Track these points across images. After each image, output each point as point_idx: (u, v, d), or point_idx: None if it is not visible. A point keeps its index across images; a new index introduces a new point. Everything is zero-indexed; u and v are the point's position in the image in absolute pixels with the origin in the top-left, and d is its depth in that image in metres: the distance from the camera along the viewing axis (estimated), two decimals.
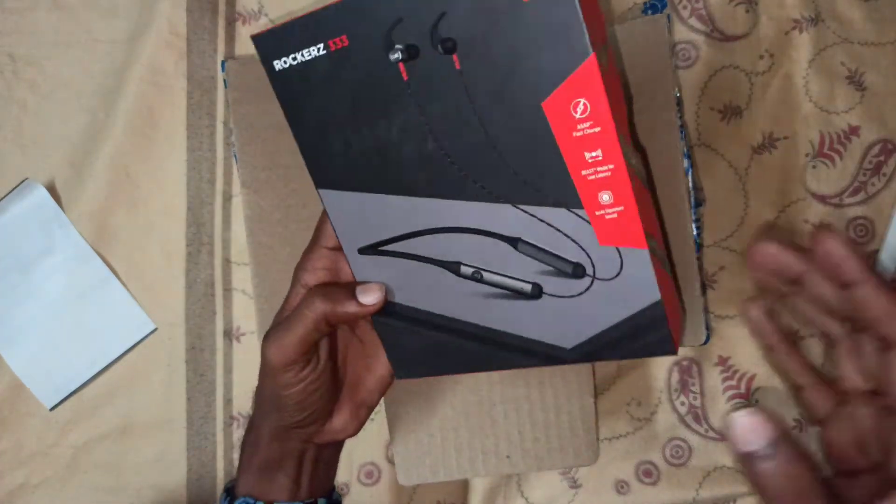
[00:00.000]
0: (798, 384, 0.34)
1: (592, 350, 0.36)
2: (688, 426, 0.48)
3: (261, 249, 0.45)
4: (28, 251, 0.48)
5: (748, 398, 0.48)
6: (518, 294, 0.35)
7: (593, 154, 0.31)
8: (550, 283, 0.34)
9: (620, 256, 0.33)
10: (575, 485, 0.49)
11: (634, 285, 0.33)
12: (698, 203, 0.47)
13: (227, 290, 0.50)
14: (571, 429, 0.46)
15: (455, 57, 0.31)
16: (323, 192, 0.36)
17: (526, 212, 0.33)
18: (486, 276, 0.35)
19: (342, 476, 0.49)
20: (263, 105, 0.45)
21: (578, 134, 0.31)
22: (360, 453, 0.49)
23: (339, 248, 0.38)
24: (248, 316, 0.49)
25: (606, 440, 0.48)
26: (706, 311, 0.46)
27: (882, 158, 0.48)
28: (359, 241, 0.37)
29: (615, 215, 0.32)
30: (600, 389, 0.48)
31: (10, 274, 0.48)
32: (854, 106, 0.48)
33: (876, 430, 0.29)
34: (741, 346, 0.48)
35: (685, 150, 0.45)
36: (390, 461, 0.49)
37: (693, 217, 0.44)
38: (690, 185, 0.44)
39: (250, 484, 0.39)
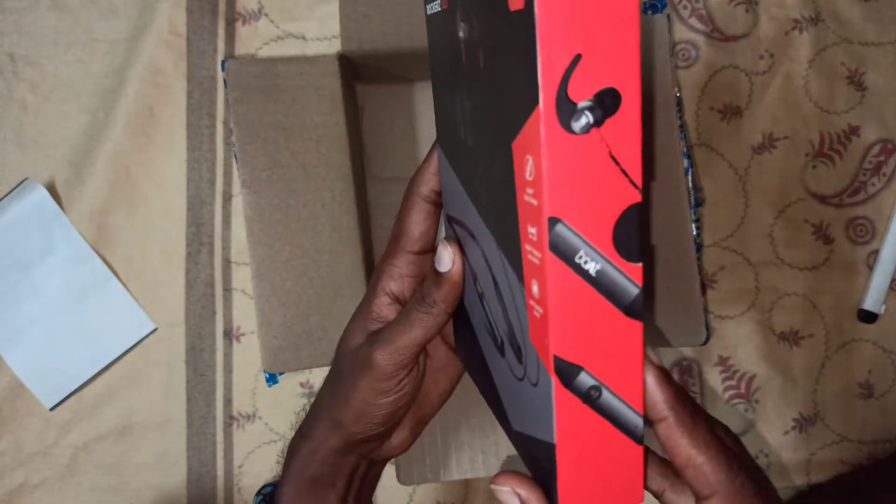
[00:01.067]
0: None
1: (524, 449, 0.29)
2: None
3: (261, 249, 0.45)
4: (28, 251, 0.48)
5: (748, 398, 0.48)
6: (493, 338, 0.29)
7: (531, 230, 0.23)
8: (508, 349, 0.28)
9: (538, 366, 0.24)
10: None
11: (543, 407, 0.24)
12: (698, 203, 0.47)
13: (227, 290, 0.50)
14: None
15: (479, 54, 0.25)
16: (439, 150, 0.33)
17: (502, 256, 0.26)
18: (485, 302, 0.30)
19: None
20: (263, 105, 0.45)
21: (526, 198, 0.23)
22: None
23: (424, 252, 0.35)
24: (248, 316, 0.49)
25: None
26: (706, 311, 0.46)
27: (882, 158, 0.48)
28: (446, 208, 0.33)
29: (539, 315, 0.23)
30: None
31: (10, 274, 0.48)
32: (854, 106, 0.48)
33: None
34: (741, 346, 0.48)
35: (685, 150, 0.45)
36: (390, 461, 0.49)
37: (693, 217, 0.44)
38: (690, 185, 0.44)
39: (295, 496, 0.37)
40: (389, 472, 0.49)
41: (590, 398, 0.24)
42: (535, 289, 0.23)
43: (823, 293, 0.48)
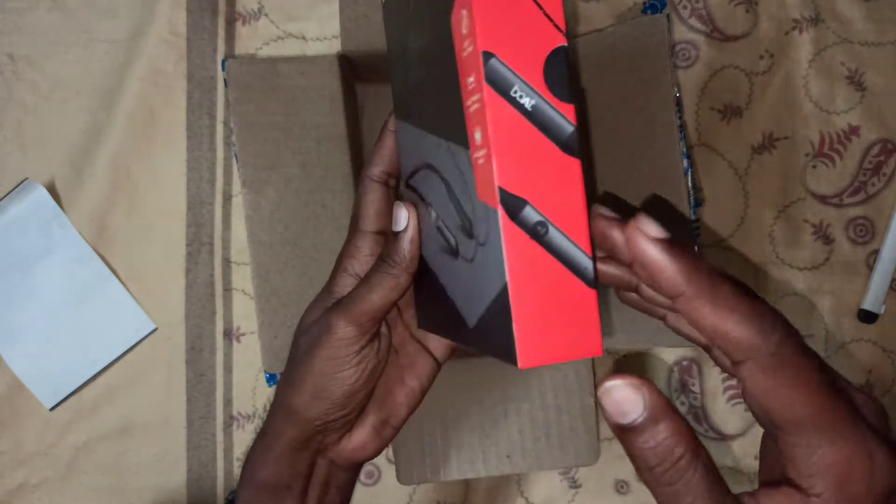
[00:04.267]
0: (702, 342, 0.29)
1: (477, 338, 0.28)
2: None
3: (261, 249, 0.45)
4: (28, 251, 0.48)
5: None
6: (448, 249, 0.29)
7: (470, 80, 0.25)
8: (462, 241, 0.28)
9: (486, 221, 0.25)
10: (575, 485, 0.49)
11: (493, 259, 0.25)
12: (698, 203, 0.47)
13: (227, 290, 0.49)
14: (572, 429, 0.46)
15: None
16: (397, 121, 0.34)
17: (449, 150, 0.27)
18: (440, 222, 0.30)
19: None
20: (263, 105, 0.45)
21: (463, 54, 0.25)
22: None
23: (382, 233, 0.35)
24: (248, 316, 0.49)
25: (606, 440, 0.48)
26: None
27: (882, 158, 0.48)
28: (405, 174, 0.34)
29: (483, 161, 0.25)
30: None
31: (10, 274, 0.48)
32: (854, 106, 0.48)
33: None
34: None
35: (685, 150, 0.45)
36: (390, 461, 0.49)
37: (693, 217, 0.45)
38: (690, 185, 0.44)
39: (251, 503, 0.35)
40: (389, 471, 0.49)
41: (537, 234, 0.24)
42: (477, 136, 0.25)
43: (823, 293, 0.48)
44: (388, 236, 0.34)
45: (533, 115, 0.24)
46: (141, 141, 0.49)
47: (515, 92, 0.24)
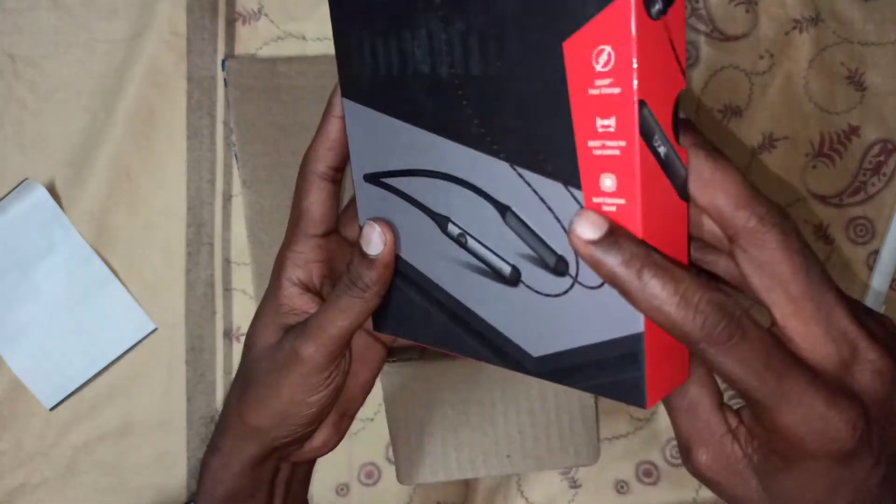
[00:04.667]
0: None
1: (558, 369, 0.28)
2: None
3: (261, 249, 0.45)
4: (28, 251, 0.48)
5: None
6: (496, 275, 0.29)
7: (605, 122, 0.23)
8: (530, 273, 0.27)
9: None
10: (575, 485, 0.49)
11: (618, 305, 0.25)
12: None
13: (227, 290, 0.50)
14: (572, 429, 0.46)
15: None
16: (346, 101, 0.31)
17: (522, 177, 0.26)
18: (469, 242, 0.29)
19: (342, 476, 0.49)
20: (264, 104, 0.45)
21: (595, 92, 0.23)
22: (360, 453, 0.49)
23: (328, 234, 0.33)
24: (248, 316, 0.49)
25: (606, 440, 0.48)
26: None
27: (882, 158, 0.48)
28: (366, 167, 0.31)
29: (614, 208, 0.24)
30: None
31: (10, 274, 0.48)
32: (854, 106, 0.48)
33: None
34: None
35: None
36: (390, 461, 0.49)
37: None
38: None
39: None
40: (389, 471, 0.49)
41: None
42: (607, 182, 0.24)
43: None
44: (354, 255, 0.31)
45: (665, 163, 0.24)
46: (141, 141, 0.49)
47: (656, 141, 0.24)
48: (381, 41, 0.29)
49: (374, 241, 0.30)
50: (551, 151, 0.25)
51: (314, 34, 0.49)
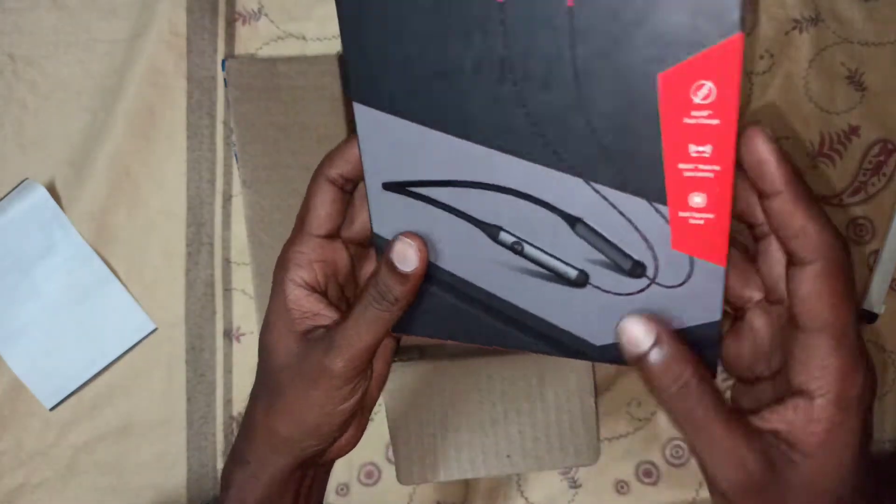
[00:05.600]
0: None
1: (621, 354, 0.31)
2: None
3: (261, 249, 0.45)
4: (28, 251, 0.48)
5: None
6: (557, 277, 0.31)
7: (700, 149, 0.26)
8: (598, 275, 0.30)
9: (691, 266, 0.29)
10: (575, 485, 0.49)
11: (697, 299, 0.29)
12: None
13: (227, 290, 0.50)
14: (572, 429, 0.46)
15: None
16: (359, 106, 0.30)
17: (598, 192, 0.29)
18: (527, 249, 0.31)
19: (342, 476, 0.49)
20: (264, 104, 0.45)
21: (690, 121, 0.26)
22: (360, 453, 0.49)
23: (331, 237, 0.33)
24: (248, 316, 0.49)
25: (606, 440, 0.48)
26: None
27: (882, 158, 0.48)
28: (385, 175, 0.31)
29: (702, 222, 0.28)
30: (600, 389, 0.48)
31: (10, 274, 0.48)
32: (854, 106, 0.48)
33: (774, 340, 0.30)
34: None
35: None
36: (390, 461, 0.49)
37: None
38: None
39: None
40: (389, 471, 0.49)
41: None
42: (696, 199, 0.27)
43: None
44: (383, 269, 0.31)
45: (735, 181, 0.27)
46: (141, 141, 0.49)
47: (736, 164, 0.27)
48: (420, 49, 0.28)
49: (410, 258, 0.30)
50: (634, 170, 0.28)
51: (314, 34, 0.49)
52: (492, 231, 0.31)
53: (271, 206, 0.45)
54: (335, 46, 0.49)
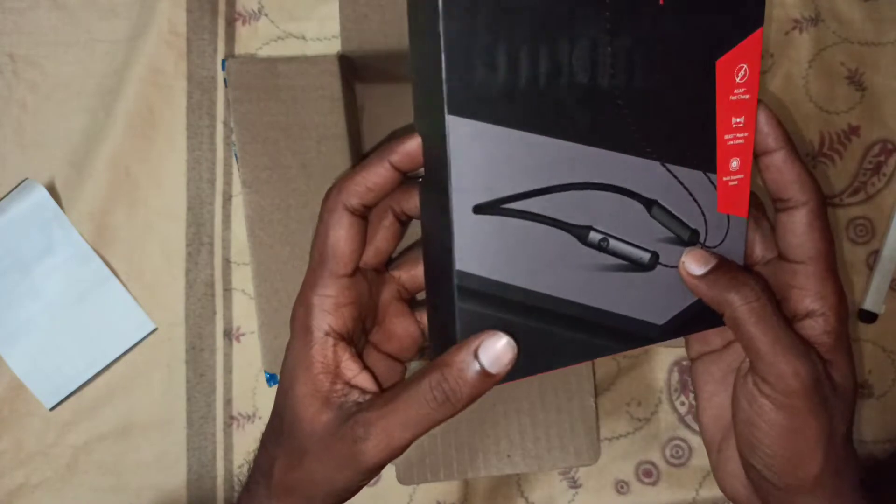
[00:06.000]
0: None
1: (681, 324, 0.34)
2: (688, 426, 0.48)
3: (261, 249, 0.45)
4: (28, 251, 0.48)
5: None
6: (630, 266, 0.32)
7: (738, 120, 0.32)
8: (663, 252, 0.32)
9: (728, 224, 0.33)
10: (575, 485, 0.49)
11: (729, 252, 0.33)
12: None
13: (227, 290, 0.50)
14: (572, 429, 0.46)
15: None
16: (454, 119, 0.27)
17: (670, 171, 0.32)
18: (612, 243, 0.31)
19: None
20: (264, 104, 0.45)
21: (734, 98, 0.32)
22: None
23: (353, 275, 0.30)
24: (248, 316, 0.49)
25: (606, 440, 0.48)
26: None
27: (882, 158, 0.48)
28: (476, 196, 0.28)
29: (736, 182, 0.33)
30: (600, 389, 0.48)
31: (10, 274, 0.48)
32: (854, 106, 0.48)
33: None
34: None
35: None
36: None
37: None
38: None
39: None
40: (389, 472, 0.49)
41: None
42: (734, 164, 0.33)
43: None
44: (455, 366, 0.27)
45: None
46: (141, 141, 0.49)
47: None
48: (526, 51, 0.28)
49: (503, 360, 0.27)
50: (697, 146, 0.32)
51: (314, 34, 0.49)
52: (582, 233, 0.31)
53: (271, 206, 0.45)
54: (335, 46, 0.49)
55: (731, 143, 0.32)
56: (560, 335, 0.31)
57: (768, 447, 0.31)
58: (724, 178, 0.33)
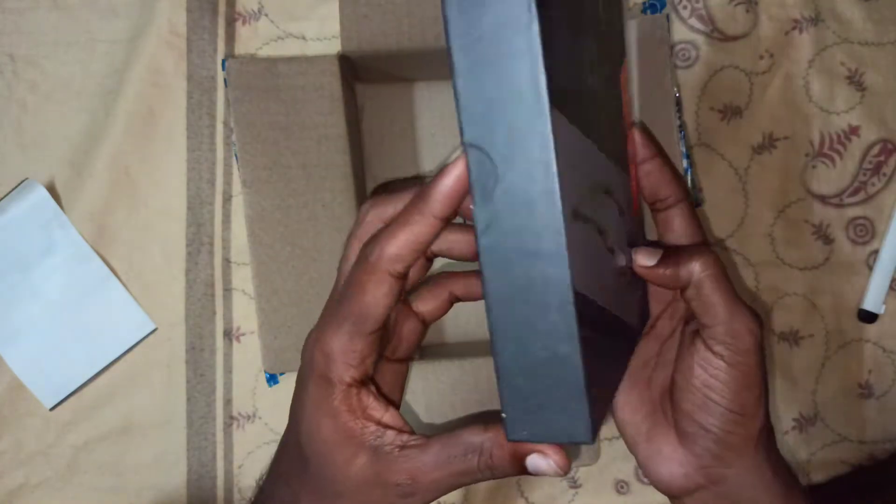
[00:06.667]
0: None
1: (641, 324, 0.35)
2: None
3: (261, 249, 0.45)
4: (28, 251, 0.48)
5: None
6: (623, 269, 0.32)
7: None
8: (621, 255, 0.32)
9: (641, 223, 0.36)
10: (575, 485, 0.49)
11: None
12: (698, 203, 0.47)
13: (227, 290, 0.49)
14: None
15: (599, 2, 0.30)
16: (558, 115, 0.24)
17: (621, 173, 0.32)
18: (616, 250, 0.30)
19: None
20: (264, 104, 0.45)
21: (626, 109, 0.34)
22: None
23: (379, 330, 0.30)
24: (248, 316, 0.49)
25: (606, 440, 0.48)
26: None
27: (882, 158, 0.48)
28: (572, 201, 0.25)
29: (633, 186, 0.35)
30: None
31: (10, 274, 0.48)
32: (854, 106, 0.48)
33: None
34: None
35: (685, 150, 0.45)
36: None
37: None
38: (690, 185, 0.44)
39: None
40: None
41: None
42: (632, 169, 0.34)
43: (823, 293, 0.48)
44: (507, 458, 0.28)
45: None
46: (141, 141, 0.49)
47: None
48: (575, 51, 0.26)
49: (542, 469, 0.28)
50: (621, 148, 0.32)
51: (314, 34, 0.49)
52: (607, 240, 0.29)
53: (271, 206, 0.45)
54: (335, 46, 0.49)
55: (629, 150, 0.34)
56: (613, 356, 0.31)
57: (725, 405, 0.32)
58: (632, 181, 0.35)
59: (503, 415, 0.27)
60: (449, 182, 0.27)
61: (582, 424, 0.26)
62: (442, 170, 0.27)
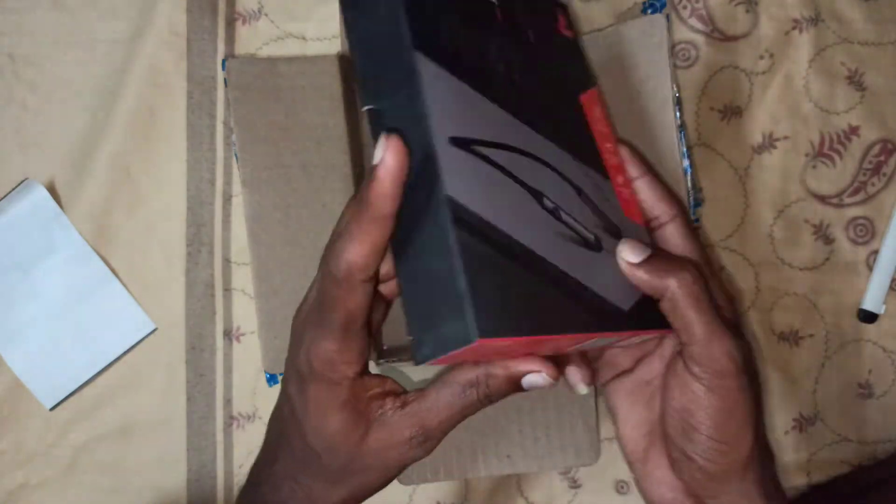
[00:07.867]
0: None
1: (643, 317, 0.34)
2: None
3: (261, 249, 0.45)
4: (28, 251, 0.48)
5: None
6: (585, 242, 0.33)
7: (608, 145, 0.38)
8: (606, 241, 0.34)
9: (636, 227, 0.36)
10: (575, 485, 0.49)
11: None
12: (698, 203, 0.47)
13: (227, 290, 0.50)
14: (572, 428, 0.46)
15: (529, 32, 0.35)
16: (421, 57, 0.29)
17: (583, 165, 0.35)
18: (563, 214, 0.32)
19: None
20: (263, 105, 0.45)
21: (600, 128, 0.38)
22: None
23: (368, 323, 0.31)
24: (248, 316, 0.49)
25: (607, 440, 0.48)
26: None
27: (882, 158, 0.48)
28: (451, 130, 0.29)
29: (627, 194, 0.37)
30: (600, 389, 0.48)
31: (10, 274, 0.48)
32: (854, 106, 0.48)
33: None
34: None
35: (685, 150, 0.45)
36: None
37: (693, 217, 0.45)
38: (690, 185, 0.44)
39: None
40: None
41: None
42: (619, 179, 0.37)
43: (823, 293, 0.48)
44: (502, 377, 0.31)
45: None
46: (141, 141, 0.49)
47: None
48: (464, 25, 0.32)
49: (537, 384, 0.32)
50: (592, 154, 0.37)
51: (314, 34, 0.49)
52: (538, 196, 0.31)
53: (271, 206, 0.45)
54: (335, 46, 0.49)
55: (610, 162, 0.37)
56: (547, 295, 0.30)
57: (704, 432, 0.31)
58: (618, 188, 0.37)
59: (409, 337, 0.28)
60: (385, 179, 0.28)
61: (467, 325, 0.26)
62: (372, 169, 0.28)
